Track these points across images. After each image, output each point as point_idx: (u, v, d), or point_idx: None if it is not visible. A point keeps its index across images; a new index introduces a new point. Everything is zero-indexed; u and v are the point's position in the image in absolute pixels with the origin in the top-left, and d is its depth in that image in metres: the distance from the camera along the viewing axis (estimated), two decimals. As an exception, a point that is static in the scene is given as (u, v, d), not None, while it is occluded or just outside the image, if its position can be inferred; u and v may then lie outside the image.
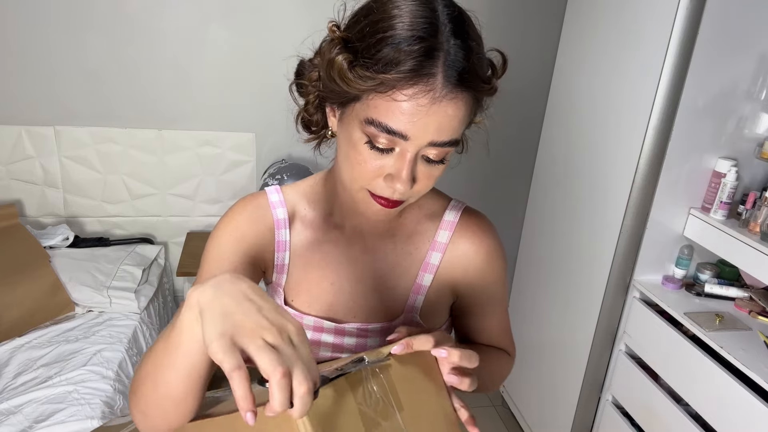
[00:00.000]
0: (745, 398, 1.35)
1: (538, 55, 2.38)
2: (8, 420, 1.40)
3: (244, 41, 2.13)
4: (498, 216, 2.61)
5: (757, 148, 1.58)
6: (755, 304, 1.60)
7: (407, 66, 0.57)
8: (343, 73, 0.60)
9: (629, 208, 1.65)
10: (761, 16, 1.46)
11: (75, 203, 2.20)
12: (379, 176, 0.64)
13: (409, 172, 0.62)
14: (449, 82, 0.59)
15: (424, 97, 0.58)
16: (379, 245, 0.78)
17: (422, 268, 0.78)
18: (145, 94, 2.15)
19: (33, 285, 1.82)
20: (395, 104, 0.59)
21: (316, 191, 0.80)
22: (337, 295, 0.79)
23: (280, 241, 0.78)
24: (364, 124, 0.61)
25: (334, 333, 0.78)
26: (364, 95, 0.61)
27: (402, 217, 0.79)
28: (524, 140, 2.51)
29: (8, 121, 2.08)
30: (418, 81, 0.58)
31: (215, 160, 2.24)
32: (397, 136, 0.60)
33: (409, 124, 0.59)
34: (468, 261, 0.78)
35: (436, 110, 0.59)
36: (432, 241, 0.78)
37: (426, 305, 0.78)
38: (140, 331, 1.86)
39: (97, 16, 2.02)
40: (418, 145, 0.61)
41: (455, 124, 0.62)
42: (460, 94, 0.60)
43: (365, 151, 0.63)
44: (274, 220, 0.78)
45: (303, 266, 0.79)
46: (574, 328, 1.91)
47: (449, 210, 0.80)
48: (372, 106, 0.60)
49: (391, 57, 0.57)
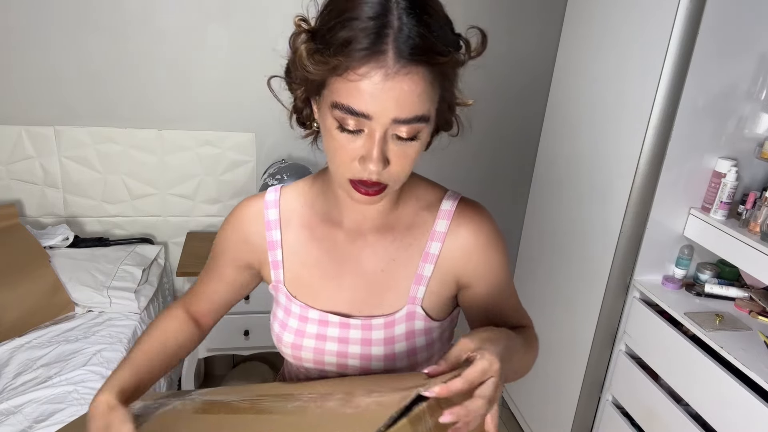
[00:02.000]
0: (745, 398, 1.35)
1: (538, 55, 2.38)
2: (8, 420, 1.40)
3: (244, 41, 2.13)
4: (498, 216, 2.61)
5: (757, 148, 1.58)
6: (755, 304, 1.60)
7: (357, 45, 0.59)
8: (303, 61, 0.63)
9: (629, 208, 1.65)
10: (761, 16, 1.46)
11: (75, 203, 2.20)
12: (354, 159, 0.65)
13: (379, 151, 0.64)
14: (401, 57, 0.60)
15: (377, 74, 0.60)
16: (379, 239, 0.79)
17: (422, 259, 0.79)
18: (145, 94, 2.15)
19: (33, 285, 1.82)
20: (352, 84, 0.61)
21: (314, 190, 0.82)
22: (340, 291, 0.80)
23: (270, 241, 0.83)
24: (332, 109, 0.64)
25: (339, 326, 0.80)
26: (328, 81, 0.63)
27: (399, 210, 0.80)
28: (524, 140, 2.51)
29: (8, 121, 2.07)
30: (369, 59, 0.60)
31: (215, 160, 2.24)
32: (361, 117, 0.62)
33: (368, 103, 0.61)
34: (469, 248, 0.79)
35: (392, 86, 0.60)
36: (431, 231, 0.79)
37: (428, 295, 0.79)
38: (140, 331, 1.86)
39: (98, 16, 2.02)
40: (382, 123, 0.62)
41: (415, 99, 0.62)
42: (414, 68, 0.61)
43: (338, 136, 0.65)
44: (265, 222, 0.83)
45: (303, 263, 0.81)
46: (574, 328, 1.91)
47: (446, 200, 0.81)
48: (334, 90, 0.63)
49: (344, 39, 0.60)
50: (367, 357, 0.79)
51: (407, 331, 0.79)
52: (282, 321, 0.83)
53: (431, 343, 0.81)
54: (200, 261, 2.03)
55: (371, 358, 0.79)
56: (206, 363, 2.52)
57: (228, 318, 2.09)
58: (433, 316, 0.80)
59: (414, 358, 0.80)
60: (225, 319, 2.40)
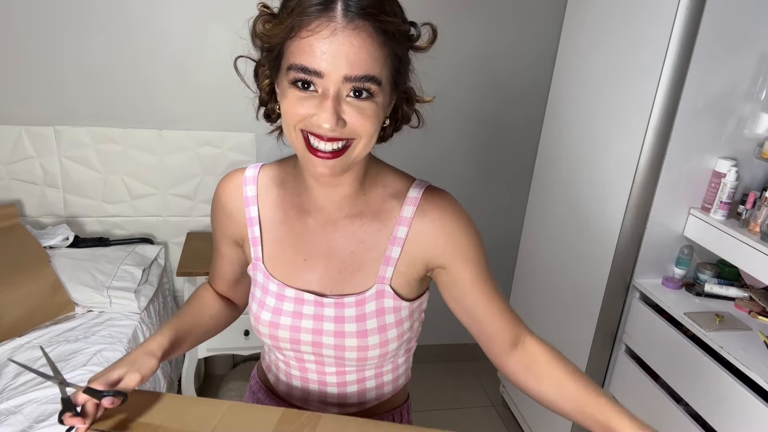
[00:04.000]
0: (745, 398, 1.35)
1: (538, 55, 2.38)
2: (8, 420, 1.40)
3: (244, 41, 2.13)
4: (498, 216, 2.63)
5: (757, 148, 1.58)
6: (755, 304, 1.60)
7: (307, 4, 0.64)
8: (260, 31, 0.69)
9: (629, 208, 1.65)
10: (761, 16, 1.46)
11: (75, 203, 2.20)
12: (306, 117, 0.68)
13: (332, 107, 0.66)
14: (349, 11, 0.64)
15: (327, 29, 0.64)
16: (348, 224, 0.83)
17: (390, 242, 0.82)
18: (145, 94, 2.15)
19: (33, 285, 1.82)
20: (303, 42, 0.65)
21: (288, 172, 0.86)
22: (312, 272, 0.84)
23: (249, 218, 0.86)
24: (287, 72, 0.68)
25: (314, 304, 0.83)
26: (284, 48, 0.68)
27: (366, 197, 0.83)
28: (524, 140, 2.51)
29: (8, 121, 2.07)
30: (319, 16, 0.64)
31: (215, 160, 2.24)
32: (313, 74, 0.66)
33: (320, 59, 0.65)
34: (435, 231, 0.82)
35: (341, 41, 0.64)
36: (398, 216, 0.82)
37: (396, 276, 0.83)
38: (140, 331, 1.86)
39: (98, 16, 2.02)
40: (334, 80, 0.65)
41: (364, 56, 0.65)
42: (362, 23, 0.65)
43: (293, 96, 0.68)
44: (243, 198, 0.86)
45: (278, 242, 0.85)
46: (574, 328, 1.91)
47: (413, 188, 0.84)
48: (289, 53, 0.67)
49: (296, 2, 0.65)
50: (341, 334, 0.83)
51: (377, 308, 0.83)
52: (260, 300, 0.86)
53: (400, 321, 0.85)
54: (200, 261, 2.03)
55: (345, 335, 0.83)
56: (206, 363, 2.52)
57: (228, 318, 2.11)
58: (402, 295, 0.84)
59: (384, 335, 0.83)
60: (225, 319, 2.34)
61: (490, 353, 0.86)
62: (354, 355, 0.84)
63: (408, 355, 0.94)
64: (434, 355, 2.75)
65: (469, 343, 2.80)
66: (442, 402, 2.51)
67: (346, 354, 0.84)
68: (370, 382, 0.90)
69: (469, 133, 2.45)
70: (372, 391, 0.91)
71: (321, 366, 0.87)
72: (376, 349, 0.83)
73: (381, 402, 0.94)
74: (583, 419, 0.77)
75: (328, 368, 0.87)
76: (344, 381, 0.89)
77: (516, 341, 0.84)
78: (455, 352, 2.80)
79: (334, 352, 0.84)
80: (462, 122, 2.42)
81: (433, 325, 2.45)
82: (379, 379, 0.91)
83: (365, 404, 0.92)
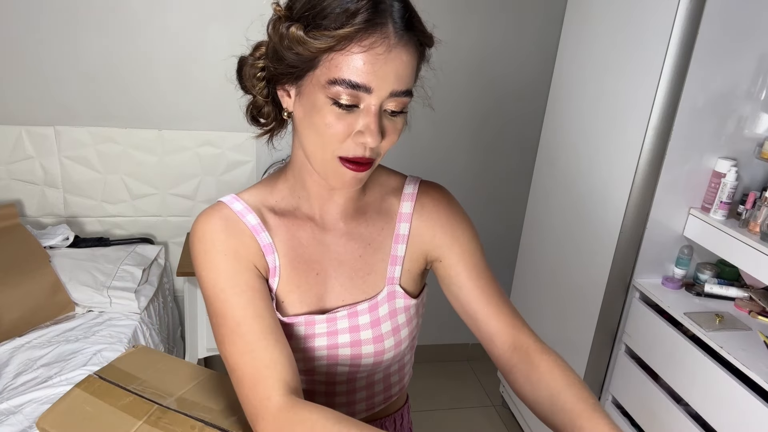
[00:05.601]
0: (745, 398, 1.35)
1: (538, 55, 2.38)
2: (8, 420, 1.40)
3: (244, 41, 2.13)
4: (498, 216, 2.63)
5: (757, 148, 1.58)
6: (755, 304, 1.60)
7: (360, 18, 0.62)
8: (301, 39, 0.64)
9: (629, 208, 1.65)
10: (761, 16, 1.46)
11: (75, 203, 2.20)
12: (347, 136, 0.67)
13: (377, 125, 0.65)
14: (399, 28, 0.64)
15: (381, 45, 0.63)
16: (353, 226, 0.82)
17: (394, 240, 0.83)
18: (146, 94, 2.15)
19: (33, 285, 1.82)
20: (355, 58, 0.63)
21: (278, 189, 0.81)
22: (325, 284, 0.81)
23: (265, 245, 0.77)
24: (327, 86, 0.64)
25: (327, 322, 0.79)
26: (322, 59, 0.64)
27: (366, 196, 0.82)
28: (524, 140, 2.51)
29: (8, 121, 2.08)
30: (373, 31, 0.62)
31: (215, 160, 2.24)
32: (361, 90, 0.64)
33: (371, 74, 0.63)
34: (432, 222, 0.83)
35: (393, 57, 0.64)
36: (398, 213, 0.83)
37: (404, 274, 0.83)
38: (140, 331, 1.86)
39: (98, 16, 2.02)
40: (380, 96, 0.65)
41: (410, 72, 0.66)
42: (409, 41, 0.65)
43: (331, 114, 0.65)
44: (249, 227, 0.76)
45: (291, 265, 0.79)
46: (574, 328, 1.91)
47: (407, 184, 0.85)
48: (333, 66, 0.64)
49: (342, 13, 0.62)
50: (357, 343, 0.81)
51: (390, 310, 0.82)
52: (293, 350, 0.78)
53: (410, 319, 0.84)
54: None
55: (361, 343, 0.81)
56: (206, 363, 2.53)
57: (228, 318, 2.10)
58: (410, 292, 0.84)
59: (398, 336, 0.83)
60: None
61: (491, 355, 0.83)
62: (370, 360, 0.82)
63: (413, 351, 0.93)
64: (434, 355, 2.75)
65: (469, 343, 2.81)
66: (442, 402, 2.51)
67: (362, 361, 0.82)
68: (378, 386, 0.88)
69: (470, 132, 2.45)
70: (380, 395, 0.89)
71: (332, 376, 0.84)
72: (391, 351, 0.82)
73: (387, 405, 0.92)
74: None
75: (339, 377, 0.84)
76: (354, 388, 0.86)
77: (517, 345, 0.80)
78: (455, 352, 2.80)
79: (350, 362, 0.82)
80: (462, 121, 2.42)
81: (432, 325, 2.46)
82: (386, 381, 0.89)
83: (373, 408, 0.89)
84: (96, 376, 0.77)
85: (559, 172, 2.05)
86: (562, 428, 0.71)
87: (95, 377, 0.77)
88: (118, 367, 0.80)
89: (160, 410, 0.72)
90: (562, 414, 0.72)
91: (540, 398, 0.75)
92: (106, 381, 0.77)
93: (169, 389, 0.77)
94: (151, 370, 0.81)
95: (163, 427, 0.69)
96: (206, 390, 0.78)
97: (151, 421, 0.70)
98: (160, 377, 0.79)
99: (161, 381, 0.78)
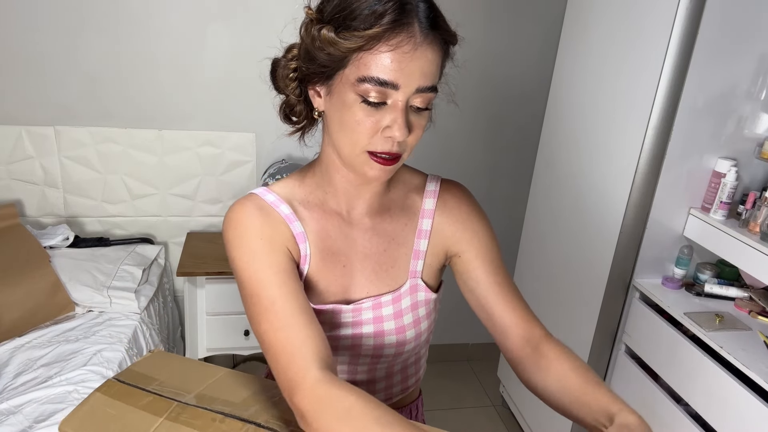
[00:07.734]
0: (745, 398, 1.35)
1: (538, 55, 2.38)
2: (8, 420, 1.40)
3: (244, 41, 2.13)
4: (498, 216, 2.63)
5: (757, 148, 1.58)
6: (755, 304, 1.60)
7: (387, 18, 0.65)
8: (332, 40, 0.67)
9: (629, 208, 1.65)
10: (761, 16, 1.46)
11: (75, 203, 2.20)
12: (376, 132, 0.70)
13: (404, 120, 0.69)
14: (424, 27, 0.67)
15: (408, 44, 0.66)
16: (378, 221, 0.85)
17: (417, 235, 0.86)
18: (145, 94, 2.15)
19: (33, 285, 1.82)
20: (383, 56, 0.66)
21: (306, 183, 0.84)
22: (350, 276, 0.84)
23: (298, 234, 0.80)
24: (357, 84, 0.68)
25: (352, 312, 0.83)
26: (352, 59, 0.68)
27: (390, 193, 0.86)
28: (524, 140, 2.51)
29: (8, 121, 2.07)
30: (400, 30, 0.66)
31: (215, 160, 2.24)
32: (389, 87, 0.67)
33: (398, 72, 0.66)
34: (453, 219, 0.87)
35: (420, 55, 0.67)
36: (421, 209, 0.87)
37: (426, 268, 0.87)
38: (140, 331, 1.86)
39: (97, 16, 2.02)
40: (407, 93, 0.68)
41: (434, 69, 0.70)
42: (434, 39, 0.69)
43: (360, 111, 0.69)
44: (283, 216, 0.79)
45: (320, 255, 0.83)
46: (574, 328, 1.91)
47: (429, 182, 0.89)
48: (362, 65, 0.67)
49: (370, 15, 0.65)
50: (380, 333, 0.84)
51: (412, 303, 0.86)
52: None
53: (429, 313, 0.88)
54: (200, 261, 2.03)
55: (384, 334, 0.84)
56: (206, 363, 2.52)
57: (228, 318, 2.11)
58: (431, 286, 0.88)
59: (419, 328, 0.86)
60: (225, 319, 2.40)
61: (503, 347, 0.85)
62: (392, 351, 0.85)
63: (428, 346, 0.96)
64: (434, 355, 2.75)
65: (469, 343, 2.81)
66: (442, 402, 2.51)
67: (384, 351, 0.85)
68: (397, 376, 0.92)
69: (469, 131, 2.45)
70: (398, 385, 0.93)
71: (354, 366, 0.87)
72: (411, 342, 0.86)
73: (404, 395, 0.95)
74: (579, 409, 0.75)
75: (360, 367, 0.87)
76: (374, 377, 0.89)
77: (531, 339, 0.83)
78: (455, 352, 2.80)
79: (372, 351, 0.85)
80: (462, 121, 2.42)
81: (433, 325, 2.46)
82: (404, 372, 0.92)
83: (391, 398, 0.93)
84: (115, 380, 0.79)
85: (559, 171, 2.05)
86: (570, 407, 0.77)
87: (114, 381, 0.78)
88: (135, 371, 0.81)
89: (180, 407, 0.73)
90: (568, 395, 0.77)
91: (549, 383, 0.80)
92: (125, 384, 0.78)
93: (188, 387, 0.78)
94: (169, 371, 0.82)
95: (184, 422, 0.70)
96: (224, 386, 0.79)
97: (171, 417, 0.71)
98: (178, 377, 0.80)
99: (179, 380, 0.80)
